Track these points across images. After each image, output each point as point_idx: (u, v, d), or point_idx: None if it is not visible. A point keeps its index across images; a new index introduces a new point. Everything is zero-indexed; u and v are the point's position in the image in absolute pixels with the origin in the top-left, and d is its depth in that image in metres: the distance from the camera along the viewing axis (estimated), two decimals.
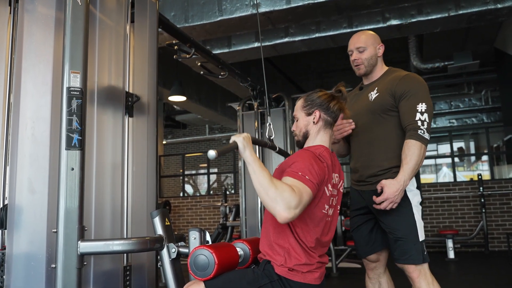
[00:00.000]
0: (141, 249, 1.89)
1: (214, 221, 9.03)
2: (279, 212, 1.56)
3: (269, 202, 1.58)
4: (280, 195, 1.56)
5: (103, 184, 2.10)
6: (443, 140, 14.36)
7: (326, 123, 1.94)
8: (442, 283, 4.50)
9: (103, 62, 2.15)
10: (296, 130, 2.00)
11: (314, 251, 1.78)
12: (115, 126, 2.20)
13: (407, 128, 2.19)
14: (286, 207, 1.55)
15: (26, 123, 1.94)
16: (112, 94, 2.19)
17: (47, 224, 1.88)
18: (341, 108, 1.96)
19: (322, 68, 9.46)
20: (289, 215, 1.56)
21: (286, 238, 1.76)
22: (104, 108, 2.14)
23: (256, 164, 1.66)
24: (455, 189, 7.84)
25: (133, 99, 2.30)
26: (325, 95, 1.95)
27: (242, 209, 5.08)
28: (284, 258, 1.74)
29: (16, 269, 1.87)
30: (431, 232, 7.78)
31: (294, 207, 1.56)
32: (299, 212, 1.59)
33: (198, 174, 15.10)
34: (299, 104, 1.98)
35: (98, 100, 2.10)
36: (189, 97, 8.01)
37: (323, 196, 1.78)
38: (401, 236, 2.21)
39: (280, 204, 1.55)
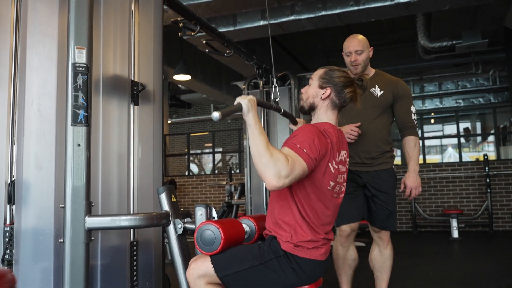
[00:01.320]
0: (148, 224, 1.90)
1: (219, 200, 9.09)
2: (269, 178, 1.56)
3: (261, 167, 1.59)
4: (273, 162, 1.57)
5: (110, 160, 2.11)
6: (449, 121, 14.27)
7: (334, 104, 1.92)
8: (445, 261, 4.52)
9: (108, 42, 2.13)
10: (304, 95, 1.98)
11: (320, 227, 1.79)
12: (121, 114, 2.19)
13: (407, 125, 2.75)
14: (276, 175, 1.56)
15: (32, 99, 1.94)
16: (117, 83, 2.17)
17: (54, 200, 1.89)
18: (353, 97, 1.93)
19: (328, 47, 9.36)
20: (278, 183, 1.57)
21: (291, 214, 1.77)
22: (110, 97, 2.13)
23: (256, 128, 1.66)
24: (460, 169, 7.83)
25: (139, 87, 2.29)
26: (345, 78, 1.91)
27: (247, 188, 5.10)
28: (290, 234, 1.75)
29: (25, 244, 1.89)
30: (435, 212, 7.81)
31: (284, 176, 1.57)
32: (289, 182, 1.59)
33: (203, 153, 15.14)
34: (319, 73, 1.96)
35: (103, 89, 2.08)
36: (194, 76, 7.97)
37: (327, 172, 1.77)
38: (392, 210, 2.73)
39: (271, 171, 1.56)
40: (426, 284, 3.70)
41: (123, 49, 2.22)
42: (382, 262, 2.75)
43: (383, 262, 2.75)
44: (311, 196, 1.76)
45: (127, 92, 2.21)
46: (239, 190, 6.33)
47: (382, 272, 2.75)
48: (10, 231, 1.95)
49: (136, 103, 2.27)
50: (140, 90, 2.26)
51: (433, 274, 4.11)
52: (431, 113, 12.89)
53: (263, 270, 1.72)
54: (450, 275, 4.07)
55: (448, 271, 4.31)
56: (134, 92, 2.25)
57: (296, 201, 1.76)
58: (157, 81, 2.41)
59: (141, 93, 2.29)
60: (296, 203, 1.76)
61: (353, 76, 1.97)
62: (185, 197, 9.47)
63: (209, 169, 14.77)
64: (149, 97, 2.35)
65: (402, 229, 8.05)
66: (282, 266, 1.73)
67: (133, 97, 2.25)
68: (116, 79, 2.16)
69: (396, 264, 4.76)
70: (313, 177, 1.74)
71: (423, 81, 10.39)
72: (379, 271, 2.77)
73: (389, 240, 2.77)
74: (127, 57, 2.23)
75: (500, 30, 8.33)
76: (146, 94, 2.33)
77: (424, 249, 5.94)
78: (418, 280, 3.84)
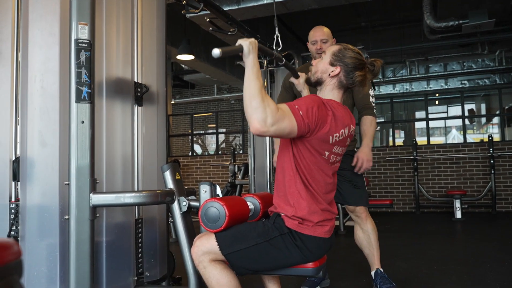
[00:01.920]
0: (152, 202, 1.91)
1: (222, 180, 9.12)
2: (254, 121, 1.57)
3: (250, 109, 1.59)
4: (263, 107, 1.57)
5: (114, 137, 2.11)
6: (454, 102, 14.19)
7: (341, 84, 1.89)
8: (448, 241, 4.55)
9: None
10: (313, 67, 1.96)
11: (322, 196, 1.79)
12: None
13: (365, 107, 2.84)
14: (262, 120, 1.56)
15: (35, 75, 1.93)
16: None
17: (59, 176, 1.90)
18: (363, 81, 1.90)
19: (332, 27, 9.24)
20: (262, 128, 1.57)
21: (294, 184, 1.77)
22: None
23: (254, 71, 1.65)
24: (464, 150, 7.80)
25: (143, 89, 2.26)
26: (357, 60, 1.87)
27: (251, 168, 5.12)
28: (294, 208, 1.75)
29: (30, 220, 1.91)
30: (438, 193, 7.81)
31: (269, 124, 1.57)
32: (273, 132, 1.60)
33: (206, 134, 15.14)
34: (333, 49, 1.92)
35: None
36: (197, 56, 7.90)
37: (325, 143, 1.75)
38: (360, 186, 2.81)
39: (259, 115, 1.57)
40: (429, 263, 3.72)
41: (126, 49, 2.19)
42: (367, 238, 2.79)
43: (368, 238, 2.79)
44: (311, 166, 1.76)
45: (130, 94, 2.20)
46: (243, 170, 6.35)
47: (370, 248, 2.78)
48: (15, 208, 1.96)
49: (139, 104, 2.26)
50: (144, 92, 2.24)
51: (436, 254, 4.13)
52: (436, 94, 12.80)
53: (267, 248, 1.73)
54: (453, 255, 4.09)
55: (451, 251, 4.33)
56: (138, 94, 2.23)
57: (299, 173, 1.76)
58: (160, 82, 2.39)
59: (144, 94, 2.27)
60: (300, 174, 1.76)
61: (365, 61, 1.91)
62: (188, 177, 9.50)
63: (213, 149, 14.80)
64: (153, 98, 2.33)
65: (405, 209, 8.07)
66: (286, 244, 1.73)
67: (137, 99, 2.24)
68: (120, 81, 2.14)
69: (399, 243, 4.80)
70: (311, 147, 1.74)
71: (428, 62, 10.29)
72: (367, 248, 2.79)
73: (367, 216, 2.82)
74: (130, 57, 2.21)
75: (508, 9, 8.19)
76: (150, 95, 2.32)
77: (427, 230, 5.97)
78: (422, 260, 3.86)
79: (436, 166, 7.89)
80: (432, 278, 3.24)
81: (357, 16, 8.37)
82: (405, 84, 11.37)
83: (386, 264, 3.68)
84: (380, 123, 12.76)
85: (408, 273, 3.41)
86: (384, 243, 4.83)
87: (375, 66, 1.92)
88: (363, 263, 3.07)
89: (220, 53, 1.60)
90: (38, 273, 1.87)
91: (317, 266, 1.81)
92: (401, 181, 8.14)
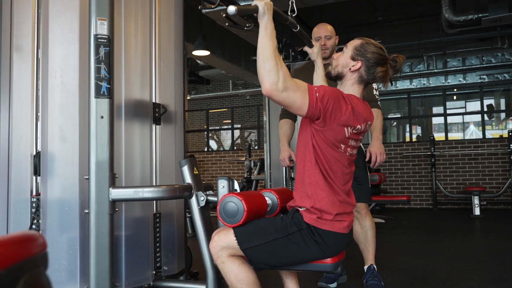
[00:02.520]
0: (171, 196, 1.92)
1: (238, 176, 9.14)
2: (266, 83, 1.58)
3: (263, 71, 1.60)
4: (276, 71, 1.58)
5: (132, 132, 2.12)
6: (472, 97, 13.95)
7: (361, 79, 1.87)
8: (467, 238, 4.50)
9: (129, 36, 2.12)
10: (334, 61, 1.93)
11: (340, 187, 1.78)
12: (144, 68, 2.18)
13: (369, 100, 2.74)
14: (274, 82, 1.58)
15: (55, 71, 1.95)
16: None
17: (79, 171, 1.92)
18: (384, 77, 1.87)
19: (348, 21, 9.17)
20: (271, 91, 1.58)
21: (313, 174, 1.76)
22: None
23: (268, 32, 1.64)
24: (483, 146, 7.68)
25: (161, 110, 2.27)
26: (379, 56, 1.84)
27: (266, 163, 5.11)
28: (312, 199, 1.74)
29: (51, 214, 1.93)
30: (456, 189, 7.71)
31: (280, 88, 1.58)
32: (282, 98, 1.60)
33: (222, 129, 15.18)
34: (355, 43, 1.90)
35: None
36: (212, 52, 7.91)
37: (341, 135, 1.74)
38: (362, 183, 2.80)
39: (271, 77, 1.58)
40: (447, 260, 3.68)
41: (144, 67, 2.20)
42: (364, 234, 2.81)
43: (365, 234, 2.81)
44: (329, 158, 1.75)
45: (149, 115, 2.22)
46: (259, 165, 6.36)
47: (366, 244, 2.80)
48: (36, 202, 1.99)
49: (157, 123, 2.28)
50: (162, 113, 2.25)
51: (454, 251, 4.09)
52: (454, 89, 12.61)
53: (285, 243, 1.72)
54: (472, 252, 4.04)
55: (469, 248, 4.28)
56: (156, 115, 2.25)
57: (319, 164, 1.76)
58: (178, 101, 2.41)
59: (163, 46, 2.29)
60: (319, 165, 1.76)
61: (388, 56, 1.88)
62: (204, 173, 9.54)
63: (228, 145, 14.82)
64: (170, 117, 2.35)
65: (422, 206, 7.99)
66: (305, 239, 1.73)
67: (155, 119, 2.25)
68: (138, 102, 2.17)
69: (416, 240, 4.75)
70: (328, 140, 1.73)
71: (446, 56, 10.13)
72: (363, 243, 2.81)
73: (367, 212, 2.84)
74: (149, 77, 2.22)
75: None
76: (168, 115, 2.33)
77: (445, 226, 5.90)
78: (440, 257, 3.82)
79: (454, 162, 7.79)
80: (450, 275, 3.21)
81: (374, 11, 8.28)
82: (423, 79, 11.21)
83: (404, 261, 3.66)
84: (397, 118, 12.63)
85: (426, 270, 3.37)
86: (401, 240, 4.79)
87: (397, 62, 1.89)
88: (380, 259, 3.05)
89: (236, 11, 1.61)
90: (59, 266, 1.90)
91: (335, 262, 1.80)
92: (418, 177, 8.05)
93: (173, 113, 2.37)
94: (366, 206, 2.84)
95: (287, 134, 3.00)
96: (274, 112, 5.04)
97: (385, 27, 8.71)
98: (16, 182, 2.05)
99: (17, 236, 0.64)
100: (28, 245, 0.65)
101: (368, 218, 2.82)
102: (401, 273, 3.28)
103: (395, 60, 1.89)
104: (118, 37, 2.04)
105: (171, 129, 2.36)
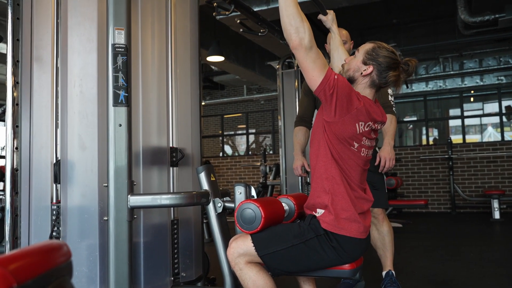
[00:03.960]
0: (188, 203, 1.93)
1: (253, 181, 9.14)
2: (294, 39, 1.66)
3: (289, 27, 1.68)
4: (302, 27, 1.66)
5: (149, 140, 2.14)
6: (490, 99, 13.73)
7: (373, 83, 1.86)
8: (486, 243, 4.43)
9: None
10: (346, 65, 1.93)
11: (356, 183, 1.78)
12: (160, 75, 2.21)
13: (384, 105, 2.70)
14: (302, 38, 1.66)
15: (74, 80, 1.98)
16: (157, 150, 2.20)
17: (98, 179, 1.94)
18: (396, 81, 1.87)
19: (362, 24, 9.13)
20: (299, 46, 1.66)
21: (330, 168, 1.77)
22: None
23: None
24: (502, 149, 7.57)
25: (178, 154, 2.27)
26: (391, 60, 1.83)
27: (282, 168, 5.10)
28: (330, 195, 1.75)
29: (71, 221, 1.96)
30: (475, 193, 7.60)
31: (307, 45, 1.66)
32: (306, 57, 1.67)
33: (236, 135, 15.20)
34: (366, 47, 1.89)
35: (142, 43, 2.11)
36: (226, 57, 7.95)
37: (353, 131, 1.74)
38: (378, 188, 2.76)
39: (299, 33, 1.66)
40: (467, 265, 3.63)
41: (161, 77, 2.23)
42: (382, 239, 2.78)
43: (382, 239, 2.78)
44: (343, 155, 1.76)
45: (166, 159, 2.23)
46: (274, 170, 6.35)
47: (384, 249, 2.78)
48: (57, 209, 2.02)
49: (175, 165, 2.29)
50: (180, 158, 2.27)
51: (474, 256, 4.03)
52: (471, 91, 12.45)
53: (303, 249, 1.72)
54: (492, 257, 3.97)
55: (489, 252, 4.21)
56: (174, 159, 2.26)
57: (335, 159, 1.76)
58: (195, 144, 2.42)
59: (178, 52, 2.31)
60: (335, 160, 1.76)
61: (400, 59, 1.87)
62: (220, 178, 9.57)
63: (243, 150, 14.84)
64: (187, 161, 2.36)
65: (440, 210, 7.88)
66: (322, 245, 1.72)
67: (172, 164, 2.26)
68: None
69: (435, 244, 4.69)
70: (341, 136, 1.74)
71: (462, 58, 10.01)
72: (381, 249, 2.79)
73: (384, 218, 2.81)
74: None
75: None
76: (185, 159, 2.34)
77: (464, 231, 5.81)
78: (459, 262, 3.77)
79: (472, 165, 7.69)
80: (470, 280, 3.16)
81: (388, 13, 8.23)
82: (439, 81, 11.09)
83: (423, 266, 3.61)
84: (413, 121, 12.51)
85: (445, 275, 3.33)
86: (420, 244, 4.74)
87: (409, 66, 1.88)
88: (398, 264, 3.02)
89: None
90: (79, 273, 1.93)
91: (353, 268, 1.79)
92: (436, 181, 7.96)
93: (189, 116, 2.39)
94: (383, 211, 2.82)
95: (301, 143, 2.98)
96: (289, 116, 5.04)
97: (400, 30, 8.65)
98: (37, 190, 2.09)
99: (44, 246, 0.66)
100: (54, 255, 0.66)
101: (385, 223, 2.79)
102: (420, 278, 3.24)
103: (408, 64, 1.88)
104: (135, 46, 2.06)
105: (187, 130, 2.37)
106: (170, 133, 2.27)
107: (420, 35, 9.01)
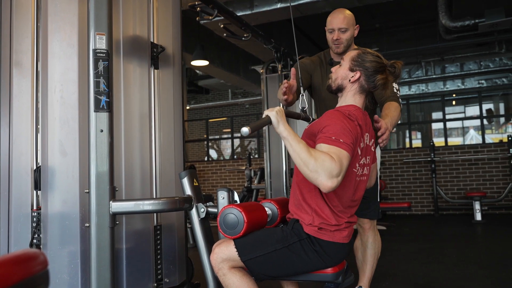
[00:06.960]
0: (171, 208, 1.92)
1: (238, 185, 9.13)
2: (322, 182, 1.55)
3: (310, 174, 1.57)
4: (321, 166, 1.54)
5: (132, 145, 2.13)
6: (471, 102, 13.98)
7: (362, 89, 1.88)
8: (468, 245, 4.48)
9: (128, 10, 2.14)
10: (333, 74, 1.94)
11: (343, 211, 1.78)
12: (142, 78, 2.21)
13: (391, 97, 2.42)
14: (328, 177, 1.54)
15: (55, 85, 1.96)
16: (137, 44, 2.19)
17: (79, 185, 1.92)
18: (385, 83, 1.89)
19: None
20: (332, 184, 1.55)
21: (314, 199, 1.76)
22: (130, 59, 2.15)
23: (291, 138, 1.63)
24: (483, 151, 7.69)
25: (158, 49, 2.28)
26: (377, 64, 1.85)
27: (267, 172, 5.11)
28: (312, 217, 1.75)
29: (52, 228, 1.93)
30: (457, 195, 7.70)
31: (336, 175, 1.55)
32: (341, 178, 1.58)
33: (221, 139, 15.19)
34: (351, 54, 1.91)
35: (124, 51, 2.10)
36: (211, 62, 7.95)
37: (355, 156, 1.76)
38: (367, 197, 2.36)
39: (322, 175, 1.54)
40: (450, 267, 3.67)
41: (142, 17, 2.22)
42: (363, 251, 2.57)
43: (364, 251, 2.57)
44: None
45: (147, 54, 2.23)
46: (259, 174, 6.35)
47: (363, 262, 2.57)
48: (37, 216, 1.99)
49: (156, 66, 2.28)
50: (160, 51, 2.26)
51: (456, 257, 4.08)
52: (453, 94, 12.64)
53: (286, 254, 1.73)
54: (474, 258, 4.03)
55: (472, 254, 4.27)
56: (154, 54, 2.25)
57: None
58: (176, 44, 2.41)
59: (160, 56, 2.29)
60: None
61: (385, 62, 1.89)
62: (204, 182, 9.54)
63: (228, 154, 14.83)
64: (168, 60, 2.36)
65: (424, 212, 7.97)
66: (305, 249, 1.73)
67: (153, 59, 2.25)
68: (136, 40, 2.17)
69: (418, 247, 4.74)
70: None
71: (444, 62, 10.16)
72: (360, 261, 2.59)
73: (371, 228, 2.57)
74: (146, 18, 2.23)
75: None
76: (166, 57, 2.34)
77: (447, 232, 5.89)
78: (442, 264, 3.81)
79: (454, 168, 7.80)
80: (454, 282, 3.20)
81: (372, 18, 8.32)
82: (421, 85, 11.24)
83: (406, 268, 3.65)
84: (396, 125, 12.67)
85: (428, 277, 3.36)
86: (403, 247, 4.78)
87: (395, 68, 1.90)
88: (382, 267, 3.04)
89: (249, 130, 1.61)
90: (60, 280, 1.90)
91: (336, 272, 1.80)
92: (419, 183, 8.05)
93: (172, 121, 2.38)
94: (369, 221, 2.58)
95: None
96: None
97: (383, 34, 8.75)
98: (17, 197, 2.05)
99: (18, 255, 0.65)
100: (28, 264, 0.65)
101: (371, 234, 2.57)
102: (404, 281, 3.27)
103: (394, 66, 1.90)
104: (117, 51, 2.05)
105: (170, 139, 2.36)
106: (152, 137, 2.25)
107: (402, 40, 9.13)
